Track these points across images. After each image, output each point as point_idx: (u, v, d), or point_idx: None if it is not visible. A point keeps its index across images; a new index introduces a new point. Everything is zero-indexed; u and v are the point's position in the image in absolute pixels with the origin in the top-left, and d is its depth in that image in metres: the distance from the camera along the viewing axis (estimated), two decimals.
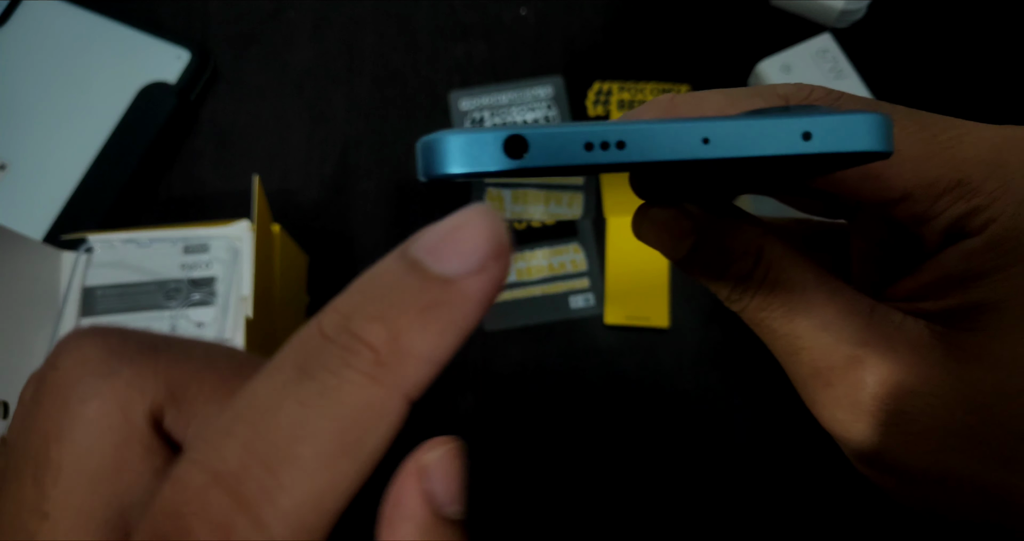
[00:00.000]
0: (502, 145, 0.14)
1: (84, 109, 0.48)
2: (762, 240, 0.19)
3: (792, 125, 0.14)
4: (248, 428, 0.11)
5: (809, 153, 0.14)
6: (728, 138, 0.14)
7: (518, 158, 0.14)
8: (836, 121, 0.14)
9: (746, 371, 0.45)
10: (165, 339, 0.15)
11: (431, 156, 0.14)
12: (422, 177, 0.15)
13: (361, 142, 0.50)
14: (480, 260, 0.12)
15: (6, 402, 0.34)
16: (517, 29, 0.52)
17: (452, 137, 0.14)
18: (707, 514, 0.43)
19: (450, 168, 0.14)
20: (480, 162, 0.14)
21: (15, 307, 0.36)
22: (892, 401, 0.18)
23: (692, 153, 0.14)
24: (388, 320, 0.11)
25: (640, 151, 0.14)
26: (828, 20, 0.50)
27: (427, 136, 0.14)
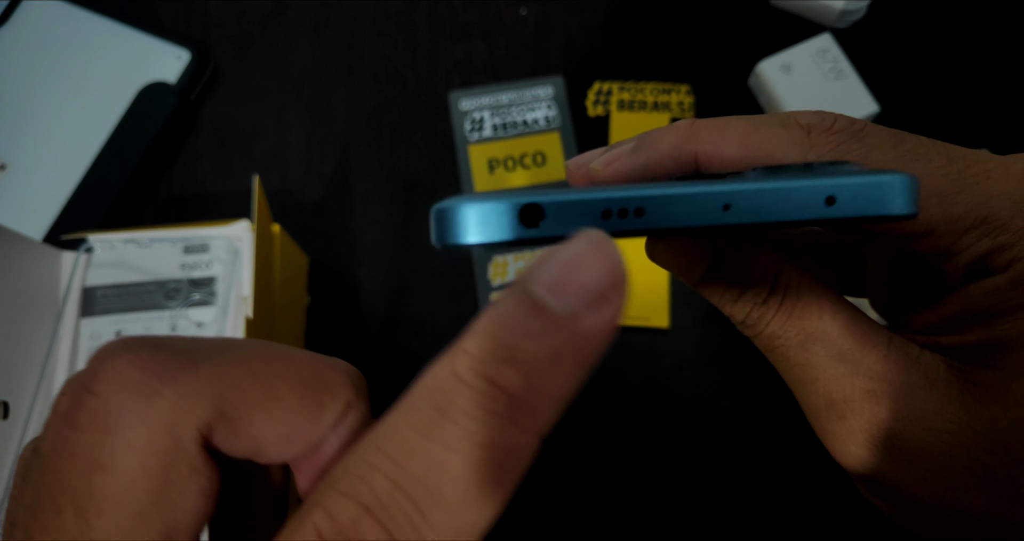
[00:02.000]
0: (517, 215, 0.13)
1: (84, 109, 0.48)
2: (779, 265, 0.19)
3: (816, 190, 0.14)
4: (394, 466, 0.11)
5: (834, 218, 0.14)
6: (750, 205, 0.14)
7: (534, 227, 0.13)
8: (861, 184, 0.13)
9: (746, 371, 0.45)
10: (200, 348, 0.14)
11: (445, 225, 0.14)
12: (436, 244, 0.14)
13: (361, 142, 0.50)
14: (602, 293, 0.12)
15: (6, 402, 0.34)
16: (517, 29, 0.52)
17: (466, 206, 0.14)
18: (707, 514, 0.43)
19: (465, 238, 0.14)
20: (495, 232, 0.14)
21: (15, 307, 0.36)
22: (908, 437, 0.17)
23: (713, 220, 0.14)
24: (521, 364, 0.12)
25: (659, 219, 0.14)
26: (828, 20, 0.50)
27: (440, 203, 0.14)
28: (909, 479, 0.18)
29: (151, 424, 0.13)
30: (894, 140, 0.18)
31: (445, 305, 0.47)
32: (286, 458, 0.14)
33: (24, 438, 0.35)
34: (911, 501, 0.18)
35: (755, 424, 0.44)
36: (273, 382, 0.14)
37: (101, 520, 0.12)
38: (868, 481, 0.19)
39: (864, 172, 0.14)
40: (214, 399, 0.13)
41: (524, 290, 0.12)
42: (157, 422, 0.13)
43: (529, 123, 0.50)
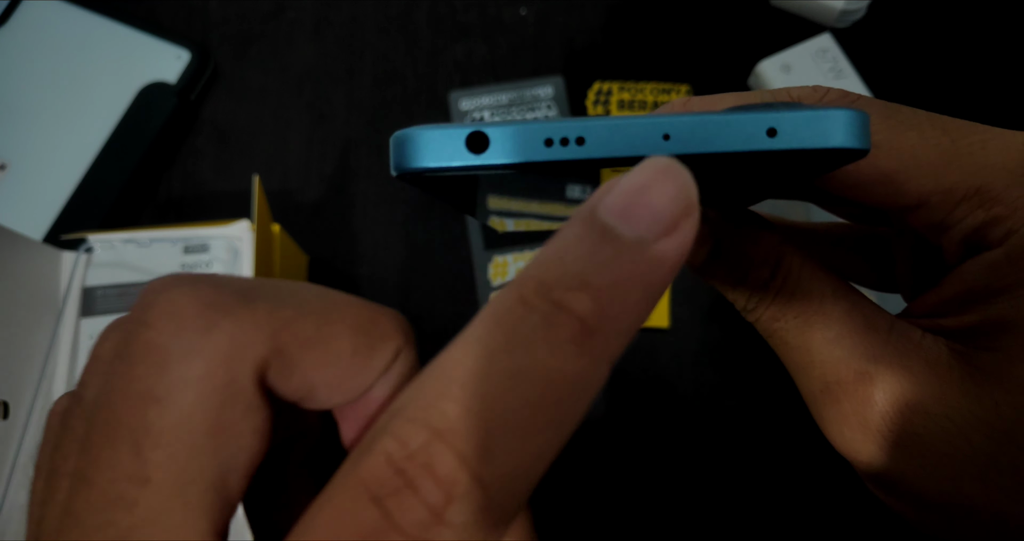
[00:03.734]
0: (464, 141, 0.14)
1: (84, 109, 0.48)
2: (781, 249, 0.18)
3: (757, 120, 0.13)
4: (464, 392, 0.11)
5: (774, 150, 0.13)
6: (689, 134, 0.13)
7: (479, 153, 0.14)
8: (804, 117, 0.13)
9: (746, 371, 0.45)
10: (256, 286, 0.14)
11: (400, 150, 0.14)
12: (393, 171, 0.15)
13: (361, 142, 0.50)
14: (672, 219, 0.11)
15: (6, 402, 0.34)
16: (517, 29, 0.52)
17: (420, 131, 0.14)
18: (706, 514, 0.43)
19: (416, 162, 0.14)
20: (444, 157, 0.14)
21: (15, 307, 0.36)
22: (904, 422, 0.17)
23: (650, 149, 0.13)
24: (591, 289, 0.11)
25: (599, 147, 0.13)
26: (828, 20, 0.50)
27: (399, 131, 0.14)
28: (907, 469, 0.17)
29: (208, 357, 0.12)
30: (887, 112, 0.18)
31: (445, 305, 0.47)
32: (334, 403, 0.14)
33: (24, 438, 0.35)
34: (912, 493, 0.17)
35: (755, 423, 0.44)
36: (329, 323, 0.14)
37: (157, 454, 0.12)
38: (866, 470, 0.18)
39: (812, 107, 0.14)
40: (271, 335, 0.13)
41: (591, 216, 0.12)
42: (214, 356, 0.12)
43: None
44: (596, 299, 0.11)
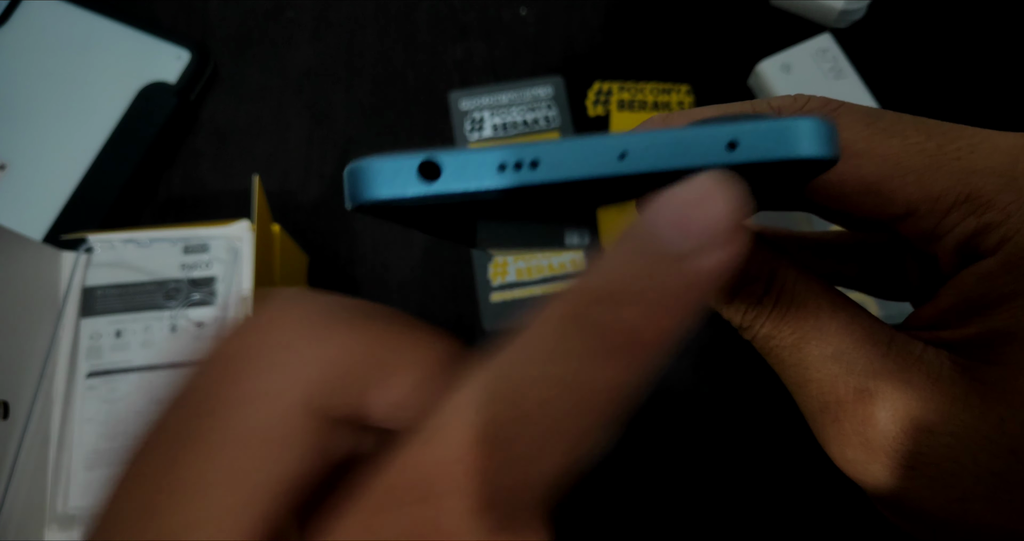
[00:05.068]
0: (416, 169, 0.13)
1: (84, 109, 0.48)
2: (774, 263, 0.18)
3: (716, 134, 0.13)
4: (516, 396, 0.11)
5: (734, 163, 0.13)
6: (646, 151, 0.13)
7: (432, 180, 0.13)
8: (764, 128, 0.13)
9: (746, 371, 0.45)
10: (367, 311, 0.14)
11: (353, 182, 0.14)
12: (348, 204, 0.14)
13: (361, 142, 0.50)
14: (728, 233, 0.11)
15: (6, 402, 0.34)
16: (517, 29, 0.52)
17: (370, 162, 0.14)
18: (706, 514, 0.43)
19: (369, 194, 0.13)
20: (396, 186, 0.13)
21: (15, 307, 0.36)
22: (908, 440, 0.16)
23: (606, 169, 0.13)
24: (642, 304, 0.11)
25: (554, 170, 0.13)
26: (828, 20, 0.50)
27: (351, 163, 0.14)
28: (912, 489, 0.16)
29: (286, 373, 0.13)
30: (868, 118, 0.17)
31: (445, 305, 0.47)
32: (382, 424, 0.14)
33: (24, 438, 0.35)
34: (918, 512, 0.17)
35: (755, 424, 0.44)
36: (410, 352, 0.14)
37: (219, 460, 0.12)
38: (871, 490, 0.18)
39: (775, 118, 0.13)
40: (364, 358, 0.13)
41: (646, 230, 0.12)
42: (291, 373, 0.13)
43: (529, 123, 0.50)
44: (646, 314, 0.11)
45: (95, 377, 0.38)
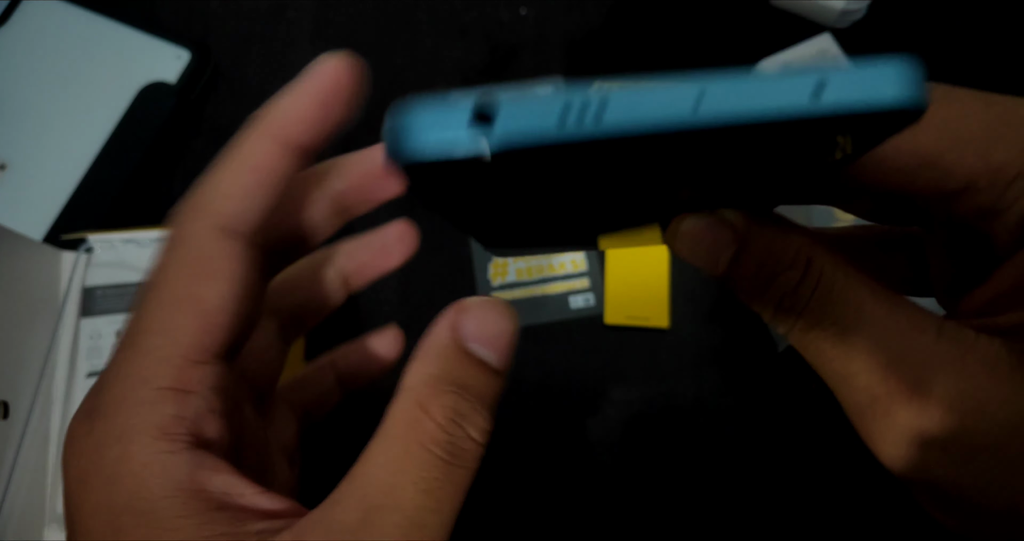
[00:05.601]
0: (473, 116, 0.12)
1: (84, 109, 0.48)
2: (810, 250, 0.17)
3: (802, 79, 0.12)
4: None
5: (820, 114, 0.11)
6: (727, 98, 0.12)
7: (488, 122, 0.12)
8: (854, 72, 0.11)
9: (746, 372, 0.45)
10: None
11: (393, 142, 0.13)
12: (390, 163, 0.13)
13: (361, 142, 0.50)
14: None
15: (6, 402, 0.34)
16: (517, 29, 0.52)
17: (416, 110, 0.12)
18: (705, 514, 0.43)
19: (420, 151, 0.12)
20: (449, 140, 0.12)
21: (15, 307, 0.36)
22: (968, 432, 0.15)
23: (687, 117, 0.12)
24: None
25: (624, 117, 0.12)
26: (828, 20, 0.50)
27: (387, 123, 0.13)
28: (971, 482, 0.15)
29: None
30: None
31: (445, 305, 0.47)
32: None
33: (24, 438, 0.35)
34: (975, 507, 0.16)
35: (755, 424, 0.44)
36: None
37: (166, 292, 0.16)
38: (924, 488, 0.17)
39: (864, 63, 0.12)
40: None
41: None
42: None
43: None
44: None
45: (95, 377, 0.38)
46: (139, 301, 0.16)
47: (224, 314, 0.16)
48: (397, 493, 0.14)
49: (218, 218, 0.17)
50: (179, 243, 0.17)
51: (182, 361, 0.15)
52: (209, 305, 0.16)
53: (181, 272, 0.16)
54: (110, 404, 0.15)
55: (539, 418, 0.45)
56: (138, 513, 0.14)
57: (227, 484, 0.15)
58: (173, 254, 0.17)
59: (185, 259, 0.16)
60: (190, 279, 0.16)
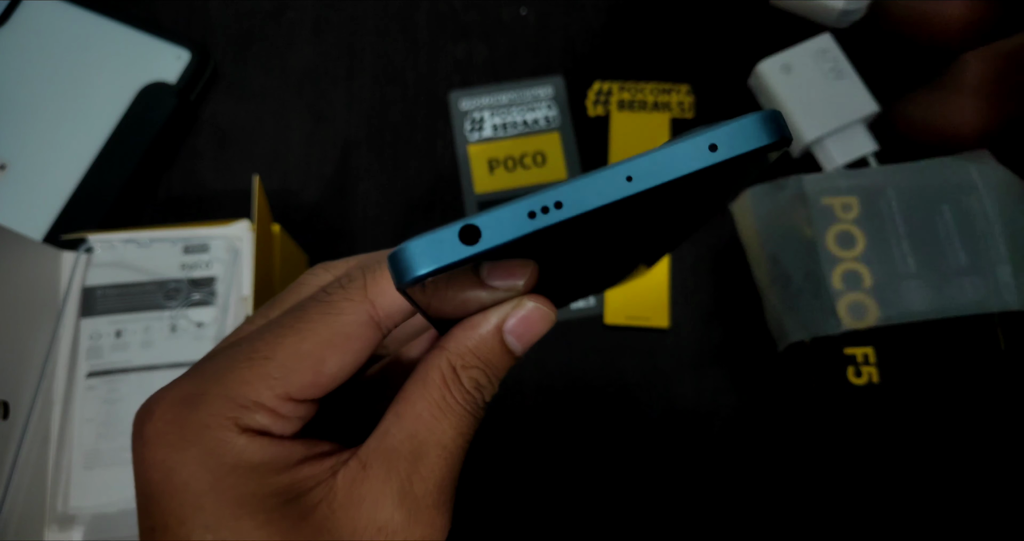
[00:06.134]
0: (457, 237, 0.16)
1: (84, 109, 0.48)
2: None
3: (697, 142, 0.16)
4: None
5: (720, 161, 0.15)
6: (648, 169, 0.16)
7: (475, 242, 0.16)
8: (732, 127, 0.16)
9: (746, 371, 0.45)
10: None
11: (402, 263, 0.16)
12: (399, 289, 0.16)
13: (361, 142, 0.50)
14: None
15: (6, 402, 0.34)
16: (517, 29, 0.52)
17: (413, 242, 0.16)
18: (705, 514, 0.43)
19: (419, 270, 0.16)
20: (443, 257, 0.16)
21: (15, 307, 0.36)
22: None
23: (622, 192, 0.15)
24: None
25: (575, 205, 0.15)
26: (828, 20, 0.50)
27: (392, 251, 0.16)
28: None
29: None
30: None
31: None
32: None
33: (24, 438, 0.35)
34: None
35: (755, 424, 0.44)
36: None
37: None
38: None
39: (730, 120, 0.16)
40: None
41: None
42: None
43: (529, 123, 0.50)
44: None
45: (95, 377, 0.38)
46: (280, 315, 0.20)
47: (336, 381, 0.19)
48: (439, 432, 0.19)
49: (375, 311, 0.19)
50: (336, 306, 0.19)
51: (284, 396, 0.19)
52: (328, 371, 0.19)
53: (322, 329, 0.19)
54: (212, 398, 0.18)
55: (539, 418, 0.45)
56: (235, 477, 0.18)
57: (296, 455, 0.19)
58: (327, 309, 0.19)
59: (332, 325, 0.19)
60: (327, 344, 0.19)
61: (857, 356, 0.41)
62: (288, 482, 0.18)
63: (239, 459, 0.18)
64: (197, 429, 0.18)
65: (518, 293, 0.20)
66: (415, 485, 0.19)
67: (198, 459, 0.18)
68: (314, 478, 0.19)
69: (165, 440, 0.18)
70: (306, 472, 0.19)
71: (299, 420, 0.19)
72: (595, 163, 0.49)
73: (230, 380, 0.18)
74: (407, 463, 0.19)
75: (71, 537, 0.36)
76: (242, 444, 0.18)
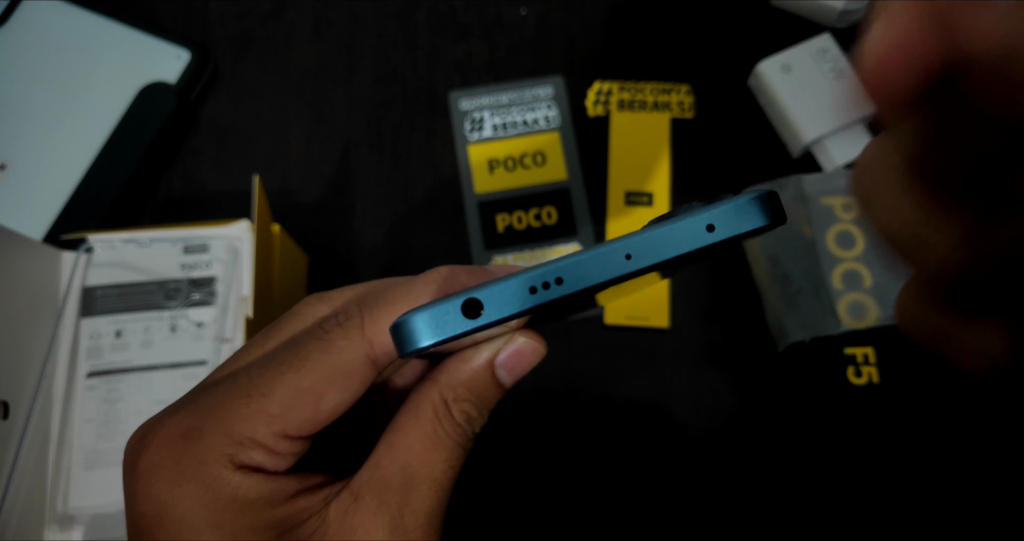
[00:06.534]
0: (460, 310, 0.16)
1: (84, 109, 0.48)
2: None
3: (696, 222, 0.16)
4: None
5: (717, 241, 0.16)
6: (647, 248, 0.16)
7: (476, 316, 0.16)
8: (729, 208, 0.16)
9: (746, 371, 0.45)
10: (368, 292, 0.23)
11: (405, 335, 0.17)
12: (401, 356, 0.17)
13: (361, 142, 0.50)
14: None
15: (6, 402, 0.34)
16: (517, 29, 0.52)
17: (417, 314, 0.16)
18: (705, 514, 0.43)
19: (421, 342, 0.16)
20: (447, 329, 0.16)
21: (15, 307, 0.36)
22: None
23: (621, 270, 0.16)
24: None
25: (576, 282, 0.16)
26: (828, 20, 0.50)
27: (394, 322, 0.17)
28: None
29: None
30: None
31: None
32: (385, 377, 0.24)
33: (24, 438, 0.35)
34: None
35: (755, 424, 0.44)
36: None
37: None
38: None
39: (726, 200, 0.16)
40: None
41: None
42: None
43: (529, 123, 0.50)
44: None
45: (95, 377, 0.38)
46: (278, 349, 0.20)
47: (332, 417, 0.19)
48: (430, 465, 0.19)
49: (372, 351, 0.20)
50: (335, 345, 0.19)
51: (281, 433, 0.19)
52: (326, 409, 0.19)
53: (321, 367, 0.19)
54: (210, 434, 0.18)
55: (539, 418, 0.45)
56: (231, 512, 0.18)
57: (290, 489, 0.19)
58: (326, 348, 0.19)
59: (331, 363, 0.19)
60: (325, 382, 0.19)
61: (857, 356, 0.41)
62: (283, 516, 0.19)
63: (234, 495, 0.18)
64: (194, 464, 0.18)
65: (510, 330, 0.20)
66: (406, 518, 0.19)
67: (195, 495, 0.18)
68: (307, 510, 0.19)
69: (161, 474, 0.18)
70: (300, 505, 0.19)
71: (293, 456, 0.19)
72: (595, 163, 0.49)
73: (228, 415, 0.19)
74: (398, 496, 0.19)
75: (71, 537, 0.36)
76: (237, 481, 0.18)
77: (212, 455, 0.18)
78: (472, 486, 0.43)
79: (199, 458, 0.18)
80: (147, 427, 0.19)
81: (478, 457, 0.43)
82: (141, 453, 0.19)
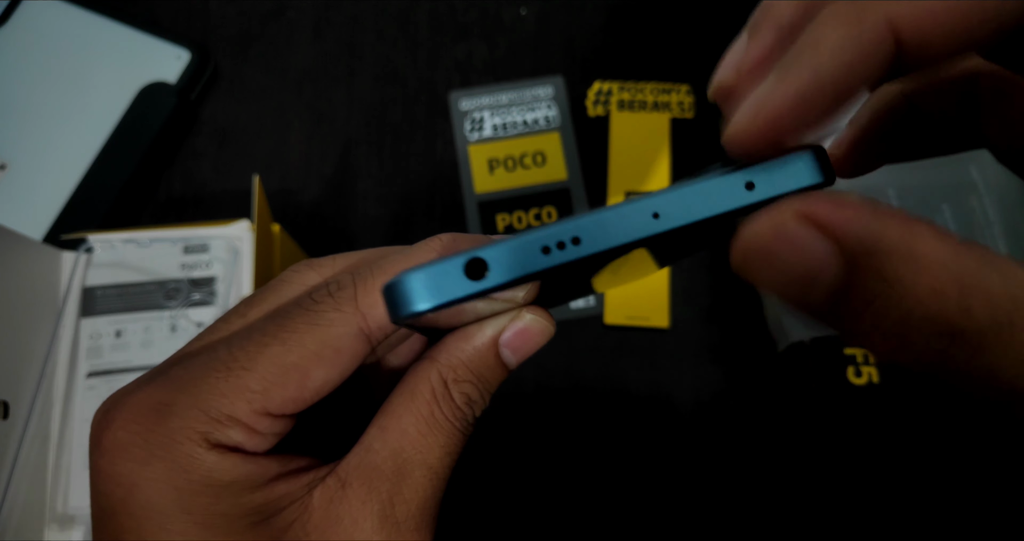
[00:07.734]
0: (462, 270, 0.14)
1: (84, 109, 0.48)
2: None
3: (734, 180, 0.14)
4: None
5: (756, 202, 0.14)
6: (677, 207, 0.14)
7: (481, 278, 0.14)
8: (774, 164, 0.14)
9: (746, 371, 0.45)
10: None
11: (400, 296, 0.14)
12: (393, 321, 0.15)
13: (361, 142, 0.50)
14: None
15: (6, 402, 0.34)
16: (517, 29, 0.52)
17: (412, 274, 0.14)
18: (705, 514, 0.43)
19: (418, 305, 0.14)
20: (446, 292, 0.14)
21: (15, 307, 0.36)
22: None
23: (647, 230, 0.14)
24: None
25: (596, 242, 0.14)
26: None
27: (389, 280, 0.15)
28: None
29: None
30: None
31: None
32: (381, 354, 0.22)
33: (24, 438, 0.35)
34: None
35: (755, 424, 0.44)
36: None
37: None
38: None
39: (772, 158, 0.14)
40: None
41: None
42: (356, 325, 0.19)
43: (529, 123, 0.50)
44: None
45: (95, 377, 0.38)
46: (262, 320, 0.18)
47: (319, 395, 0.18)
48: (426, 451, 0.18)
49: (365, 324, 0.18)
50: (325, 316, 0.18)
51: (262, 411, 0.17)
52: (312, 386, 0.17)
53: (309, 340, 0.17)
54: (183, 409, 0.17)
55: (539, 418, 0.45)
56: (204, 496, 0.17)
57: (270, 472, 0.18)
58: (315, 319, 0.18)
59: (320, 336, 0.17)
60: (313, 357, 0.17)
61: (857, 356, 0.41)
62: (260, 501, 0.17)
63: (208, 477, 0.17)
64: (164, 443, 0.17)
65: (517, 305, 0.18)
66: (397, 508, 0.17)
67: (164, 476, 0.16)
68: (288, 496, 0.17)
69: (128, 453, 0.16)
70: (280, 490, 0.17)
71: (274, 436, 0.18)
72: (595, 163, 0.49)
73: (204, 390, 0.17)
74: (390, 483, 0.17)
75: (71, 537, 0.36)
76: (212, 461, 0.17)
77: (185, 432, 0.17)
78: (471, 485, 0.43)
79: (170, 435, 0.16)
80: (114, 400, 0.17)
81: (477, 456, 0.43)
82: (106, 428, 0.17)
